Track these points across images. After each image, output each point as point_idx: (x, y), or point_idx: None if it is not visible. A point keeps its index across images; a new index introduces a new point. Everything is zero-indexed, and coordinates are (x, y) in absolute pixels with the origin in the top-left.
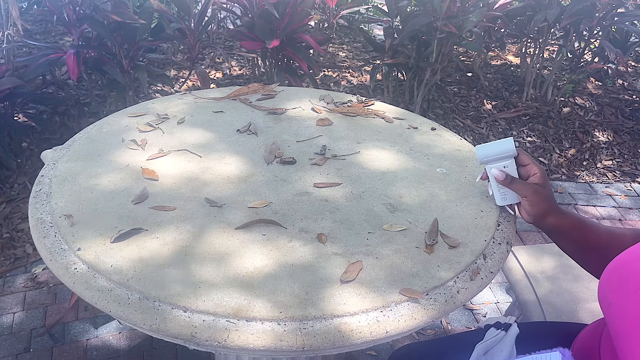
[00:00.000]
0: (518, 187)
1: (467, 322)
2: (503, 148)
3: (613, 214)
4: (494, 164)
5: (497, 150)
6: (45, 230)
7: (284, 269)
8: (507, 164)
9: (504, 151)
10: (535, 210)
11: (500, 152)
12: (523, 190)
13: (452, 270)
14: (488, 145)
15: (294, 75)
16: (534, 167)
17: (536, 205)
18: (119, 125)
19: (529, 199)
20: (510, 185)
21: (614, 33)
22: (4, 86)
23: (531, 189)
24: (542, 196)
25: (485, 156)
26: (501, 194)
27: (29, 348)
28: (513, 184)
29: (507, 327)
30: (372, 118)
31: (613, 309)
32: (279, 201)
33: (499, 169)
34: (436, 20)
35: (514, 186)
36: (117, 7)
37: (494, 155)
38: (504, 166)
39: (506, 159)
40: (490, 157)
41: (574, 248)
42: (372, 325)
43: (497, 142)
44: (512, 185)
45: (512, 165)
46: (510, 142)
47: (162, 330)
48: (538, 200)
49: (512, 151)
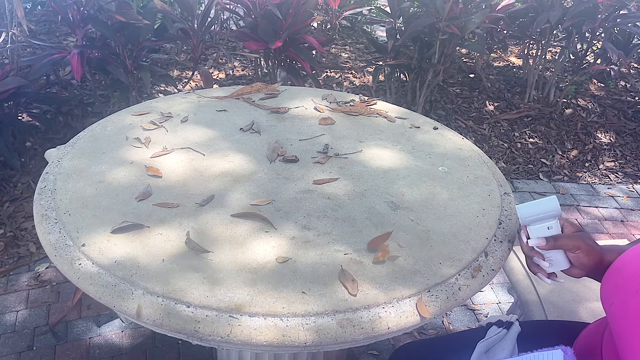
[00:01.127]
0: (565, 242)
1: (469, 322)
2: (547, 207)
3: (615, 215)
4: (537, 225)
5: (540, 210)
6: (50, 226)
7: (286, 265)
8: (551, 225)
9: (548, 210)
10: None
11: (543, 212)
12: (572, 243)
13: (454, 267)
14: (530, 204)
15: (296, 75)
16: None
17: (591, 252)
18: (123, 124)
19: (582, 249)
20: (556, 244)
21: (616, 35)
22: (8, 86)
23: (578, 238)
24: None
25: (527, 217)
26: (547, 260)
27: (32, 346)
28: (558, 241)
29: (508, 326)
30: (374, 117)
31: (615, 309)
32: (282, 199)
33: (538, 237)
34: (439, 22)
35: (560, 243)
36: (121, 7)
37: (537, 215)
38: (547, 227)
39: (550, 219)
40: (533, 218)
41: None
42: (374, 321)
43: (540, 201)
44: (557, 243)
45: (556, 227)
46: (554, 200)
47: (166, 325)
48: (591, 247)
49: (557, 210)
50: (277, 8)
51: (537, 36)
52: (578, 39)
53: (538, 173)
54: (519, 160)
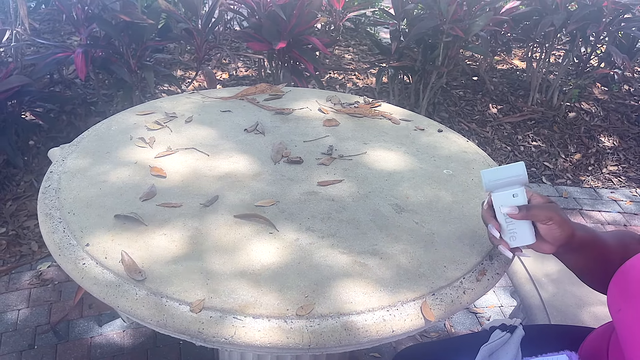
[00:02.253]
0: (537, 212)
1: (471, 325)
2: (513, 172)
3: (618, 219)
4: (501, 191)
5: (505, 175)
6: (54, 225)
7: (290, 267)
8: (517, 192)
9: (514, 176)
10: (566, 231)
11: (509, 177)
12: (545, 213)
13: (459, 270)
14: (496, 170)
15: (300, 76)
16: (533, 194)
17: (564, 225)
18: (127, 123)
19: (555, 220)
20: (528, 215)
21: (620, 38)
22: (12, 84)
23: (552, 209)
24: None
25: (491, 181)
26: (509, 232)
27: (34, 345)
28: (530, 211)
29: (512, 330)
30: (378, 119)
31: (622, 315)
32: (286, 200)
33: (509, 206)
34: (443, 24)
35: (532, 213)
36: (126, 7)
37: (501, 180)
38: (513, 195)
39: (516, 186)
40: (497, 183)
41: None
42: (378, 324)
43: (506, 166)
44: (529, 213)
45: (522, 195)
46: (521, 166)
47: (170, 326)
48: (564, 219)
49: (522, 177)
50: (281, 9)
51: (541, 39)
52: (582, 43)
53: (541, 176)
54: None
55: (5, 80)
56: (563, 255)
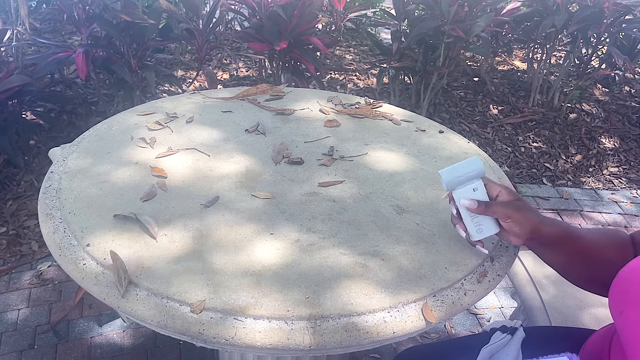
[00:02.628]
0: (497, 209)
1: (471, 326)
2: (470, 168)
3: (619, 220)
4: (462, 187)
5: (462, 172)
6: (54, 225)
7: (291, 268)
8: (476, 186)
9: (471, 171)
10: (526, 228)
11: (466, 173)
12: (503, 211)
13: (460, 272)
14: (453, 168)
15: (300, 77)
16: (494, 186)
17: (524, 223)
18: (128, 124)
19: (513, 218)
20: (487, 211)
21: (621, 40)
22: (12, 84)
23: (511, 207)
24: (525, 210)
25: (451, 180)
26: (475, 225)
27: (34, 345)
28: (490, 208)
29: (513, 331)
30: (379, 120)
31: (624, 318)
32: (287, 201)
33: (470, 199)
34: (444, 25)
35: (492, 210)
36: (127, 6)
37: (460, 177)
38: (473, 189)
39: (474, 180)
40: (457, 180)
41: (564, 258)
42: (379, 325)
43: (462, 163)
44: (488, 210)
45: (481, 187)
46: (477, 160)
47: (170, 326)
48: (524, 217)
49: (479, 170)
50: (282, 9)
51: (542, 40)
52: (583, 44)
53: (542, 178)
54: (522, 164)
55: (6, 80)
56: (536, 249)
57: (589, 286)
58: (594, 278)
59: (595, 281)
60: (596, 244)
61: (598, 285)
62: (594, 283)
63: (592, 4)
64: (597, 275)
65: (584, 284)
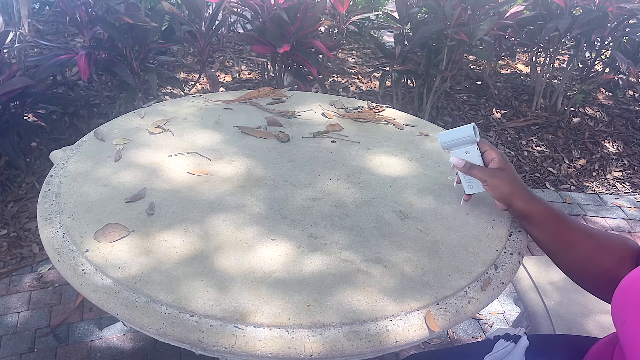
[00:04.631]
0: (475, 172)
1: (474, 332)
2: (462, 134)
3: (622, 225)
4: (456, 150)
5: (457, 136)
6: (53, 230)
7: (292, 275)
8: (468, 150)
9: (463, 137)
10: (497, 194)
11: (459, 138)
12: (480, 175)
13: (464, 279)
14: (449, 132)
15: (303, 80)
16: (492, 152)
17: (496, 189)
18: (129, 127)
19: (488, 183)
20: (469, 172)
21: (625, 44)
22: (14, 86)
23: (488, 173)
24: (501, 180)
25: (445, 142)
26: (467, 182)
27: (33, 348)
28: (471, 170)
29: (516, 339)
30: (382, 124)
31: (627, 327)
32: (289, 206)
33: (458, 157)
34: (447, 28)
35: (472, 172)
36: (129, 9)
37: (454, 141)
38: (465, 152)
39: (467, 145)
40: (451, 143)
41: (549, 241)
42: (381, 334)
43: (458, 128)
44: (470, 171)
45: (474, 152)
46: (469, 128)
47: (169, 334)
48: (497, 184)
49: (470, 137)
50: (285, 12)
51: (545, 44)
52: (587, 48)
53: (545, 182)
54: (525, 168)
55: (8, 82)
56: (523, 225)
57: (572, 277)
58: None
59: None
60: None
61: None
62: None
63: (595, 7)
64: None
65: (568, 273)
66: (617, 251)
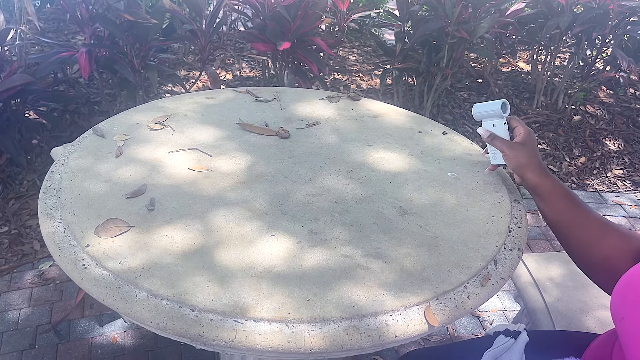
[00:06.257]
0: (496, 143)
1: (474, 328)
2: (491, 107)
3: (623, 223)
4: (486, 121)
5: (487, 109)
6: (54, 225)
7: (292, 270)
8: (495, 122)
9: (491, 110)
10: (512, 165)
11: (489, 110)
12: (500, 146)
13: (463, 275)
14: (482, 104)
15: (304, 77)
16: (521, 128)
17: (512, 160)
18: (129, 123)
19: (506, 154)
20: (492, 142)
21: (626, 42)
22: (15, 83)
23: (507, 145)
24: (519, 152)
25: (477, 112)
26: (492, 152)
27: (34, 344)
28: (493, 140)
29: (516, 335)
30: (382, 120)
31: (626, 323)
32: (289, 201)
33: (485, 128)
34: (448, 26)
35: (494, 142)
36: (130, 6)
37: (483, 112)
38: (492, 124)
39: (495, 118)
40: (482, 114)
41: (555, 217)
42: (381, 328)
43: (489, 102)
44: (492, 142)
45: (500, 125)
46: (498, 103)
47: (170, 328)
48: (514, 156)
49: (497, 111)
50: (286, 10)
51: (546, 42)
52: (587, 46)
53: None
54: None
55: (9, 79)
56: (535, 201)
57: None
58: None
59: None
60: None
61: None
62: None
63: (597, 5)
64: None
65: (570, 254)
66: (621, 242)
